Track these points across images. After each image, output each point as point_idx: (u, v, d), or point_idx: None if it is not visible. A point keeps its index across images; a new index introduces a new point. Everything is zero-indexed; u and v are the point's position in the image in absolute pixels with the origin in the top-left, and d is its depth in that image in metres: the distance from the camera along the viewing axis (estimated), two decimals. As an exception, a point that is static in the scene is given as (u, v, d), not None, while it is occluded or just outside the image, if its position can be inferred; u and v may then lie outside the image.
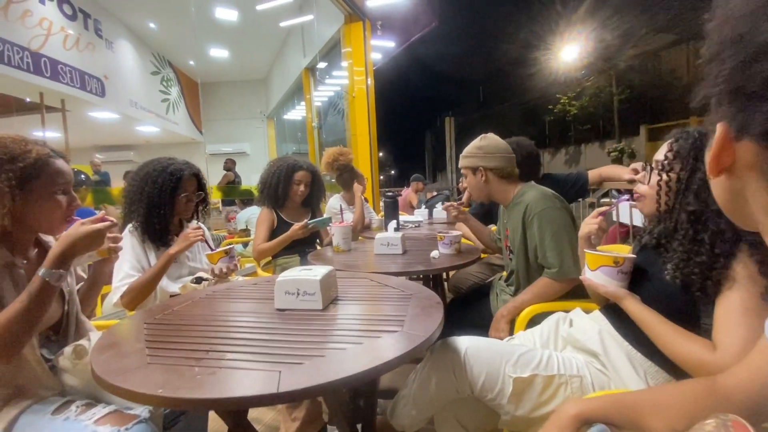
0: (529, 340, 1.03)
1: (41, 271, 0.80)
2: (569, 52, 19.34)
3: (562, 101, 19.75)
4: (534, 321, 1.20)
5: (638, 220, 1.66)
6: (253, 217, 3.92)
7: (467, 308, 1.56)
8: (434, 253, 1.53)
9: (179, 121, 9.69)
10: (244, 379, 0.60)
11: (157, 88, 8.83)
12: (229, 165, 5.85)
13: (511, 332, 1.24)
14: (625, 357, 0.84)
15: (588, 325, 0.96)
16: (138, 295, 1.32)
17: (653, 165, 0.86)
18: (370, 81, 5.72)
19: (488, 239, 1.70)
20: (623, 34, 17.02)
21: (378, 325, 0.80)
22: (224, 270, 1.36)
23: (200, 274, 1.49)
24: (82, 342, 0.90)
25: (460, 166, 1.47)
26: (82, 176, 5.69)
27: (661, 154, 0.85)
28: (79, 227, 0.83)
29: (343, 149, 2.97)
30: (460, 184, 5.70)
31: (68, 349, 0.89)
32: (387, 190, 4.70)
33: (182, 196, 1.45)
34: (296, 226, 1.88)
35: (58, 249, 0.81)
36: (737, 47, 0.29)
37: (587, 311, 1.05)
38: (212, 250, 1.40)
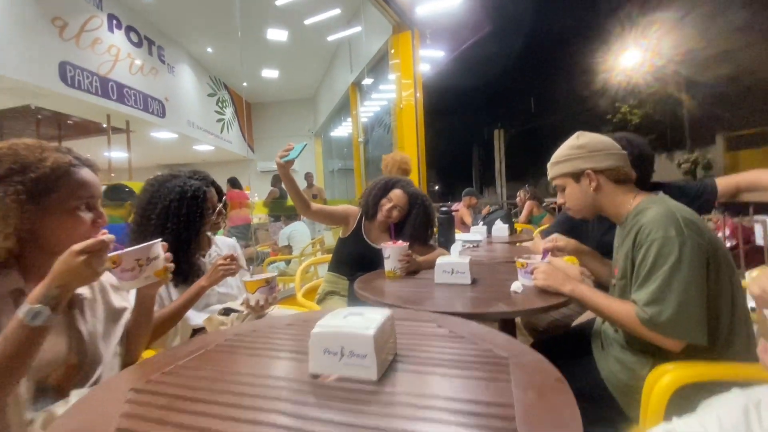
0: (699, 439, 0.65)
1: (21, 309, 0.61)
2: (629, 57, 18.07)
3: (622, 110, 18.39)
4: (682, 396, 0.82)
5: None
6: (295, 232, 3.76)
7: (556, 360, 1.18)
8: (516, 286, 1.18)
9: (233, 139, 10.09)
10: None
11: (213, 108, 9.26)
12: (276, 181, 5.83)
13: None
14: None
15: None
16: (155, 332, 1.11)
17: None
18: (419, 94, 5.49)
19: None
20: (691, 35, 15.62)
21: (474, 425, 0.48)
22: (261, 303, 1.13)
23: (229, 304, 1.26)
24: (55, 408, 0.67)
25: (553, 175, 1.11)
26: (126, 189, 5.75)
27: None
28: (74, 257, 0.63)
29: (405, 155, 2.81)
30: (518, 198, 5.23)
31: (40, 417, 0.67)
32: (441, 204, 4.35)
33: (209, 212, 1.26)
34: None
35: (47, 282, 0.63)
36: None
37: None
38: (250, 273, 1.16)
